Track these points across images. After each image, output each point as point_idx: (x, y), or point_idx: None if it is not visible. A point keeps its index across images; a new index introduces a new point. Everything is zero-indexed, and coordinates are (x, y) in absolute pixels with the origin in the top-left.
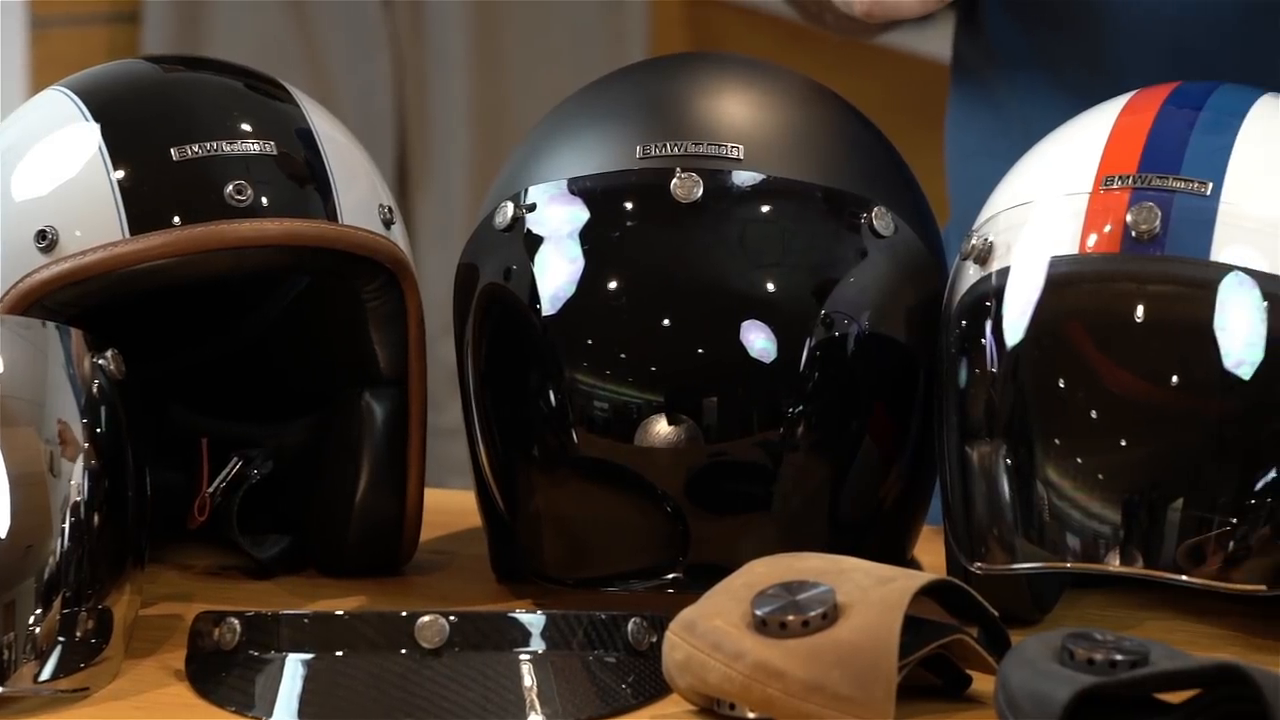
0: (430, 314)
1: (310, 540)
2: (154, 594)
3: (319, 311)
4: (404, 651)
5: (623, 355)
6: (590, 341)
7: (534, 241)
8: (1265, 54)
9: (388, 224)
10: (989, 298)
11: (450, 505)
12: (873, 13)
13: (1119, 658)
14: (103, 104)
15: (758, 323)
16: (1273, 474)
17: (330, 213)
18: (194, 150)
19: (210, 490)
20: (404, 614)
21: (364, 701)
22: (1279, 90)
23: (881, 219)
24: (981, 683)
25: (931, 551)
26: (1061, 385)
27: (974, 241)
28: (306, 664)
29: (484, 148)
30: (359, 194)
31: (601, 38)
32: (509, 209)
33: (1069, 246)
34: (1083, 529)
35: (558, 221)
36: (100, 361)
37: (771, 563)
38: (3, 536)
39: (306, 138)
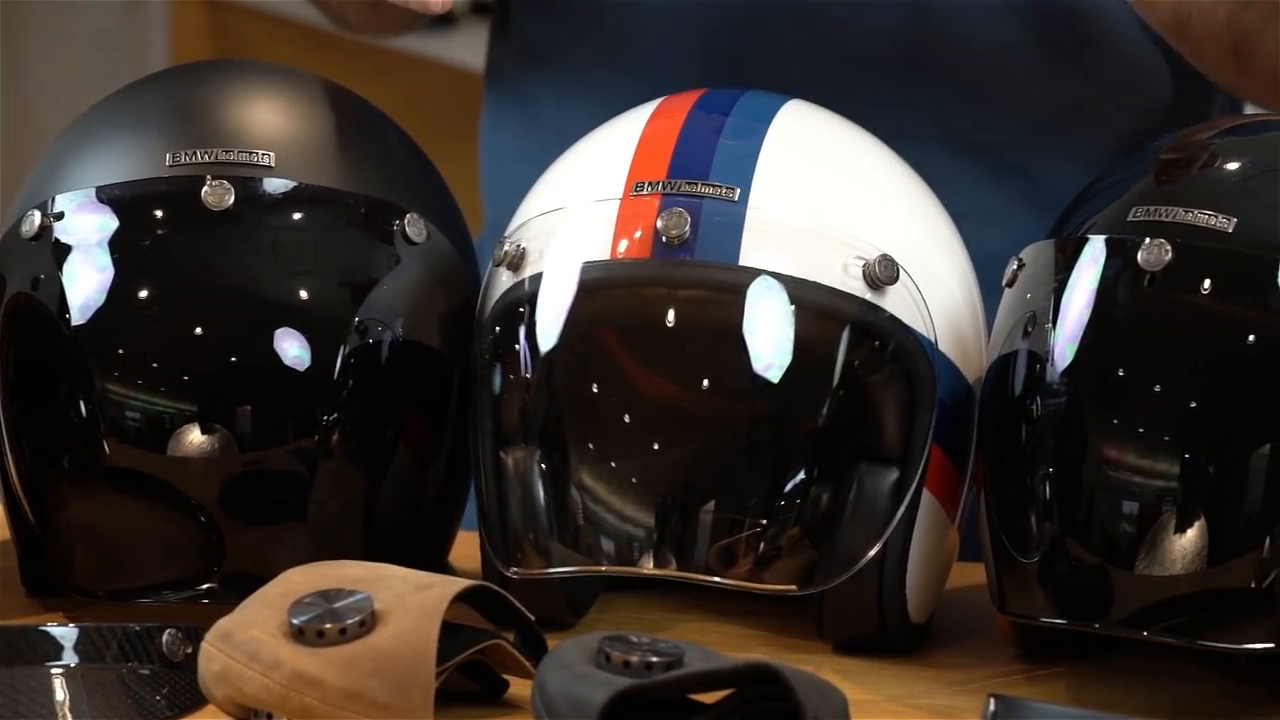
0: None
1: None
2: None
3: None
4: None
5: (154, 364)
6: (121, 351)
7: (62, 250)
8: (789, 53)
9: None
10: (522, 304)
11: None
12: None
13: (654, 659)
14: None
15: (291, 330)
16: (801, 475)
17: None
18: None
19: None
20: None
21: None
22: (798, 91)
23: (414, 225)
24: (519, 687)
25: (468, 557)
26: (594, 390)
27: (506, 248)
28: None
29: (6, 155)
30: None
31: (122, 43)
32: (36, 217)
33: (600, 252)
34: (617, 532)
35: (86, 230)
36: None
37: (309, 571)
38: None
39: None
